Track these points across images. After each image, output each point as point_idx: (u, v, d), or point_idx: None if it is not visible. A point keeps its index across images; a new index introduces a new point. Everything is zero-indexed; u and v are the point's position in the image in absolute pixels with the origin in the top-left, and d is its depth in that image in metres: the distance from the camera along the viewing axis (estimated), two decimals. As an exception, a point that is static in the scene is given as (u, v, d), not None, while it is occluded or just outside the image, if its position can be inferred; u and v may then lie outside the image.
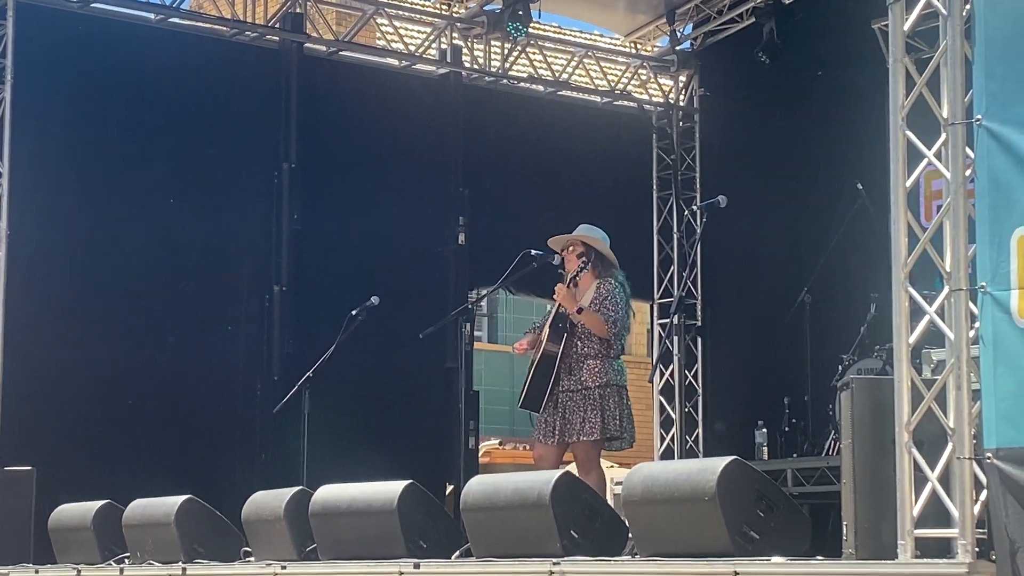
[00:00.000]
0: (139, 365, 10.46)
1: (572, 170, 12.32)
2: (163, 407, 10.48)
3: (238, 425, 10.78)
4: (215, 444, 10.59)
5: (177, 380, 10.57)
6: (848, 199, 10.66)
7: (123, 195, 10.60)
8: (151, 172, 10.73)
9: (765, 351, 11.87)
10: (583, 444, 7.93)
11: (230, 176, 11.09)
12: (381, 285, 9.88)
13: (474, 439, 11.55)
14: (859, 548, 5.10)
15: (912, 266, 4.99)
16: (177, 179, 10.83)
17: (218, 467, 10.37)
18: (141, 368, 10.46)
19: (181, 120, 10.87)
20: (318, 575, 7.32)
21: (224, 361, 10.85)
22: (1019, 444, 4.53)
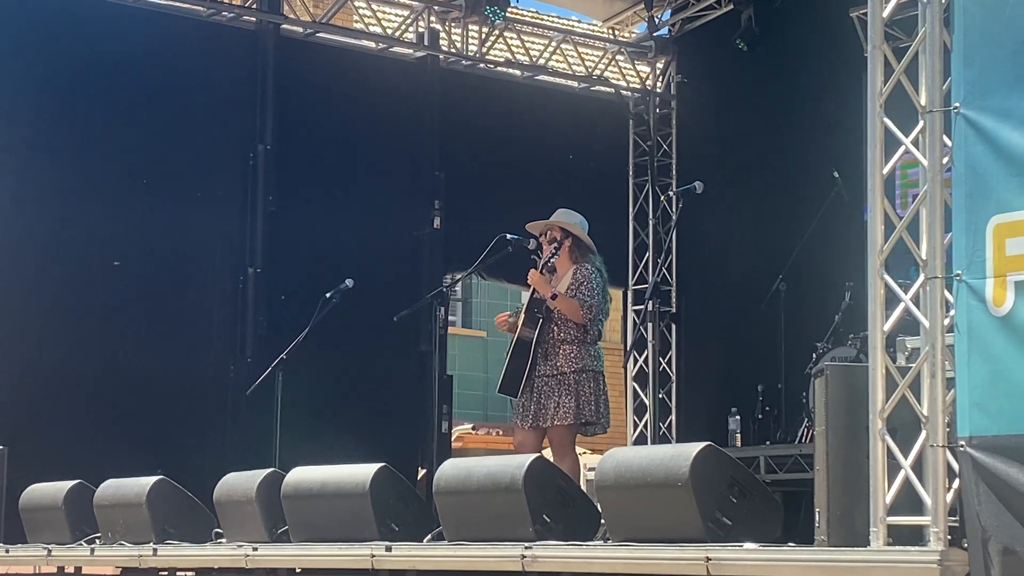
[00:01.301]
0: (112, 346, 10.42)
1: (548, 155, 12.31)
2: (136, 388, 10.45)
3: (211, 406, 10.75)
4: (188, 425, 10.56)
5: (151, 361, 10.53)
6: (824, 187, 10.69)
7: (97, 176, 10.54)
8: (125, 154, 10.68)
9: (739, 338, 11.89)
10: (557, 429, 7.93)
11: (205, 158, 11.04)
12: (356, 268, 9.86)
13: (447, 423, 11.55)
14: (831, 535, 5.10)
15: (888, 254, 4.99)
16: (152, 161, 10.78)
17: (191, 448, 10.34)
18: (114, 349, 10.43)
19: (156, 101, 10.81)
20: (290, 557, 7.30)
21: (198, 342, 10.82)
22: (992, 432, 4.54)
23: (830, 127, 11.02)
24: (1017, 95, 4.59)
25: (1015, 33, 4.62)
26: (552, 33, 13.12)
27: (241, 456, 9.93)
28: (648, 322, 7.94)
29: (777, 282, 10.86)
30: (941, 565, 4.59)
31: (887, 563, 4.76)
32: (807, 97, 11.53)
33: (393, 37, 12.12)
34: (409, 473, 10.64)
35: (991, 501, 4.50)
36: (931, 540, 4.69)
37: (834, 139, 10.88)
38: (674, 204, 12.42)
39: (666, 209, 12.66)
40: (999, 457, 4.49)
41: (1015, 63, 4.61)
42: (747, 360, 11.58)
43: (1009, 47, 4.64)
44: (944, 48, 4.86)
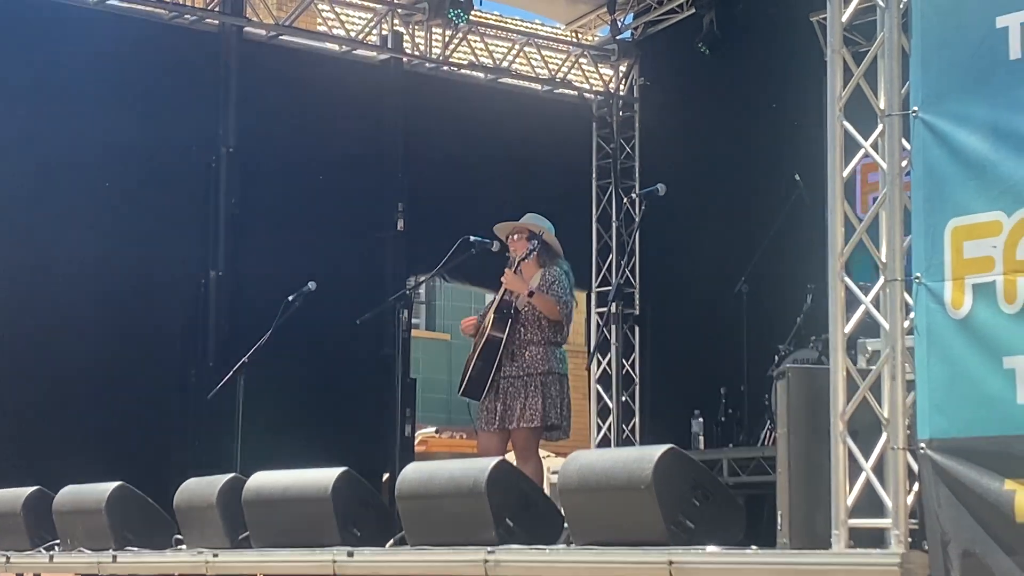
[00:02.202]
0: (72, 350, 10.35)
1: (511, 157, 12.30)
2: (96, 392, 10.38)
3: (172, 411, 10.69)
4: (148, 430, 10.49)
5: (111, 365, 10.46)
6: (786, 190, 10.71)
7: (58, 180, 10.48)
8: (87, 156, 10.61)
9: (702, 341, 11.91)
10: (523, 431, 7.92)
11: (168, 160, 10.98)
12: (318, 271, 9.81)
13: (410, 427, 11.52)
14: (793, 538, 5.11)
15: (848, 257, 5.01)
16: (114, 163, 10.71)
17: (151, 453, 10.28)
18: (74, 353, 10.35)
19: (118, 104, 10.75)
20: (251, 563, 7.26)
21: (159, 346, 10.76)
22: (952, 435, 4.56)
23: (792, 130, 11.05)
24: (973, 99, 4.62)
25: (970, 38, 4.64)
26: (515, 36, 13.12)
27: (202, 461, 9.87)
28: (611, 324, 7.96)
29: (740, 284, 10.88)
30: (902, 568, 4.60)
31: (849, 566, 4.77)
32: (769, 100, 11.57)
33: (356, 40, 12.09)
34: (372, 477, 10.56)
35: (951, 503, 4.51)
36: (892, 543, 4.70)
37: (796, 142, 10.91)
38: (637, 206, 12.42)
39: (629, 211, 12.67)
40: (958, 459, 4.51)
41: (970, 68, 4.64)
42: (710, 362, 11.59)
43: (965, 52, 4.66)
44: (903, 52, 4.89)
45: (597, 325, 12.75)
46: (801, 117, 10.85)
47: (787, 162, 10.86)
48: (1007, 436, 4.41)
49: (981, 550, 4.43)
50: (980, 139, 4.57)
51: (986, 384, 4.48)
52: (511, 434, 8.03)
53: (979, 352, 4.50)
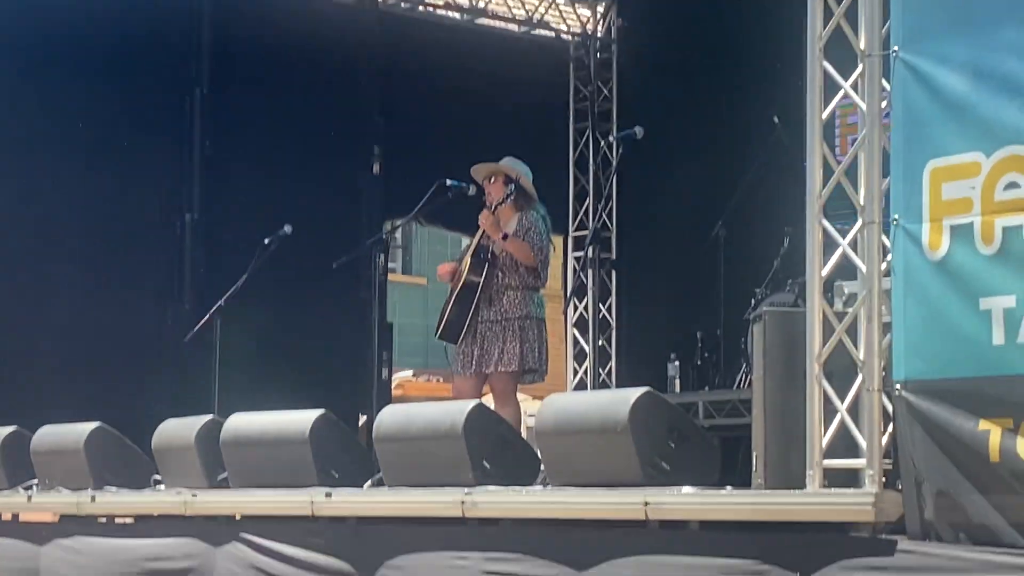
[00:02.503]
0: (49, 290, 10.31)
1: (488, 100, 12.23)
2: (73, 334, 10.35)
3: (149, 353, 10.67)
4: (126, 372, 10.47)
5: (88, 306, 10.43)
6: (764, 132, 10.70)
7: (31, 122, 10.39)
8: (61, 99, 10.51)
9: (679, 284, 11.92)
10: (501, 375, 7.94)
11: (142, 102, 10.89)
12: (294, 214, 9.77)
13: (387, 370, 11.52)
14: (768, 478, 5.15)
15: (826, 199, 5.01)
16: (88, 106, 10.62)
17: (129, 395, 10.26)
18: (51, 293, 10.32)
19: (92, 47, 10.63)
20: (229, 503, 7.28)
21: (135, 288, 10.72)
22: (927, 376, 4.58)
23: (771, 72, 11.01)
24: (953, 39, 4.60)
25: (951, -24, 4.63)
26: (492, -24, 13.03)
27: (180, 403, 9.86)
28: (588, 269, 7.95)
29: (717, 228, 10.89)
30: (875, 507, 4.64)
31: (823, 505, 4.81)
32: (748, 42, 11.51)
33: (332, -20, 11.99)
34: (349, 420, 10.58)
35: (925, 443, 4.54)
36: (866, 482, 4.74)
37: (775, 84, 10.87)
38: (614, 149, 12.39)
39: (606, 155, 12.64)
40: (933, 400, 4.53)
41: (951, 7, 4.63)
42: (687, 306, 11.61)
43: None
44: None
45: (574, 269, 12.75)
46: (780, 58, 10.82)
47: (766, 104, 10.84)
48: (982, 377, 4.43)
49: (955, 489, 4.46)
50: (960, 79, 4.56)
51: (962, 326, 4.50)
52: (488, 378, 8.05)
53: (956, 294, 4.52)
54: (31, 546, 8.36)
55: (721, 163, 11.51)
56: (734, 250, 10.88)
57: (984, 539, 4.38)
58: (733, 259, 10.88)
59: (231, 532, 7.17)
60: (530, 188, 8.18)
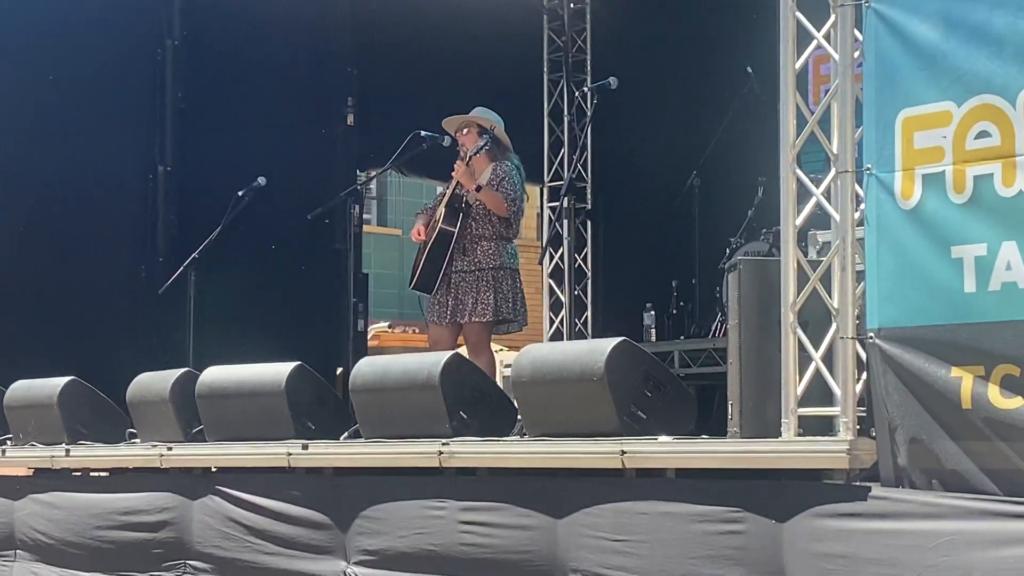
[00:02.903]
0: (21, 245, 10.25)
1: (462, 51, 12.17)
2: (46, 289, 10.30)
3: (123, 306, 10.63)
4: (99, 326, 10.44)
5: (60, 260, 10.37)
6: (738, 82, 10.70)
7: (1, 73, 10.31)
8: (30, 52, 10.42)
9: (654, 234, 11.95)
10: (474, 325, 7.96)
11: (113, 53, 10.80)
12: (268, 166, 9.74)
13: (363, 322, 11.52)
14: (744, 427, 5.18)
15: (800, 148, 5.02)
16: (57, 55, 10.53)
17: (103, 349, 10.23)
18: (23, 248, 10.25)
19: (59, 0, 10.56)
20: (205, 456, 7.29)
21: (108, 241, 10.67)
22: (900, 324, 4.61)
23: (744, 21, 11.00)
24: (926, -12, 4.61)
25: (923, -75, 4.63)
26: (465, -74, 12.94)
27: (154, 356, 9.85)
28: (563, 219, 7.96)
29: (691, 178, 10.91)
30: (850, 454, 4.68)
31: (798, 453, 4.85)
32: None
33: (303, -70, 11.89)
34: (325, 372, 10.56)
35: (899, 391, 4.58)
36: (840, 430, 4.78)
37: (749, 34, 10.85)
38: (589, 100, 12.36)
39: (581, 105, 12.60)
40: (907, 348, 4.56)
41: (923, -43, 4.63)
42: (662, 256, 11.64)
43: (918, -61, 4.65)
44: (855, -59, 4.87)
45: (549, 219, 12.74)
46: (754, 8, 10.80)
47: (739, 54, 10.83)
48: (954, 324, 4.46)
49: (928, 436, 4.50)
50: (931, 29, 4.56)
51: (934, 274, 4.52)
52: (462, 328, 8.06)
53: (928, 242, 4.54)
54: (5, 501, 8.36)
55: (695, 113, 11.51)
56: (709, 200, 10.92)
57: (956, 485, 4.43)
58: (708, 209, 10.92)
59: (207, 485, 7.18)
60: (504, 138, 8.18)
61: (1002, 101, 4.40)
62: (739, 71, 10.69)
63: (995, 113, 4.41)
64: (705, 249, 10.77)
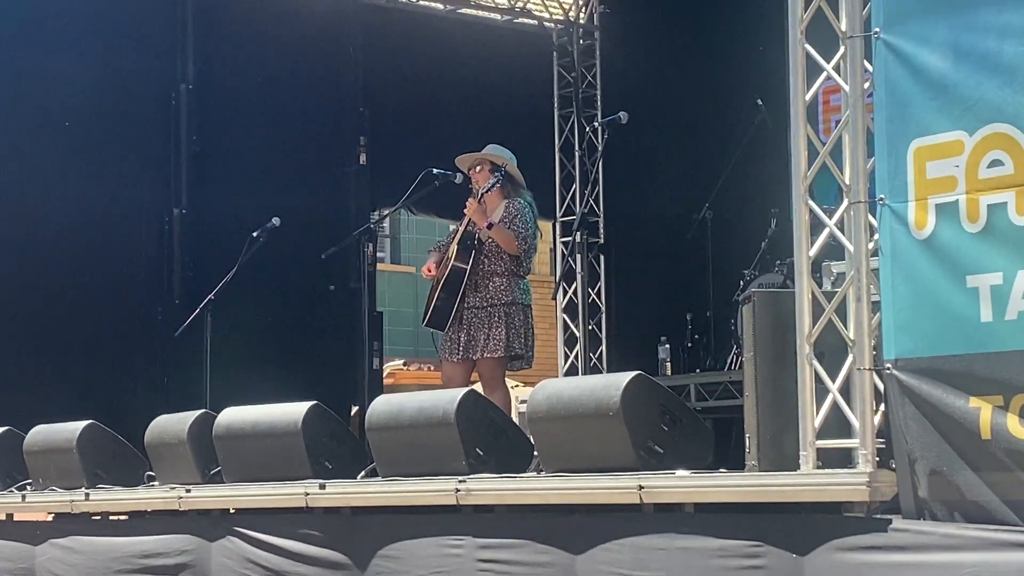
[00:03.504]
0: (38, 289, 10.30)
1: (472, 89, 12.24)
2: (64, 332, 10.34)
3: (140, 349, 10.67)
4: (117, 369, 10.47)
5: (77, 305, 10.42)
6: (748, 115, 10.73)
7: (19, 120, 10.38)
8: (48, 97, 10.51)
9: (667, 268, 11.95)
10: (488, 361, 7.95)
11: (128, 99, 10.89)
12: (282, 206, 9.78)
13: (378, 360, 11.53)
14: (761, 460, 5.16)
15: (812, 180, 5.03)
16: (73, 102, 10.61)
17: (120, 392, 10.27)
18: (40, 293, 10.31)
19: (75, 42, 10.63)
20: (223, 497, 7.28)
21: (124, 284, 10.72)
22: (917, 354, 4.59)
23: (753, 55, 11.04)
24: (933, 20, 4.62)
25: (930, -43, 4.64)
26: (474, -35, 13.01)
27: (171, 398, 9.89)
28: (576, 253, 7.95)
29: (703, 210, 10.93)
30: (870, 486, 4.66)
31: (817, 486, 4.82)
32: (730, 25, 11.54)
33: (313, -28, 11.97)
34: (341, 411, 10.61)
35: (918, 422, 4.56)
36: (859, 462, 4.75)
37: (758, 67, 10.91)
38: (599, 135, 12.40)
39: (592, 140, 12.64)
40: (924, 378, 4.55)
41: (932, -13, 4.64)
42: (676, 289, 11.65)
43: (926, -29, 4.67)
44: (863, -26, 4.88)
45: (562, 254, 12.76)
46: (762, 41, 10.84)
47: (749, 87, 10.87)
48: (971, 354, 4.45)
49: (948, 467, 4.48)
50: (941, 59, 4.57)
51: (950, 303, 4.51)
52: (476, 364, 8.07)
53: (943, 272, 4.53)
54: (26, 546, 8.36)
55: (706, 146, 11.54)
56: (721, 232, 10.93)
57: (978, 516, 4.40)
58: (721, 241, 10.92)
59: (225, 526, 7.17)
60: (517, 175, 8.20)
61: (1013, 130, 4.40)
62: (749, 104, 10.72)
63: (1007, 142, 4.41)
64: (719, 282, 10.77)
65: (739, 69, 11.31)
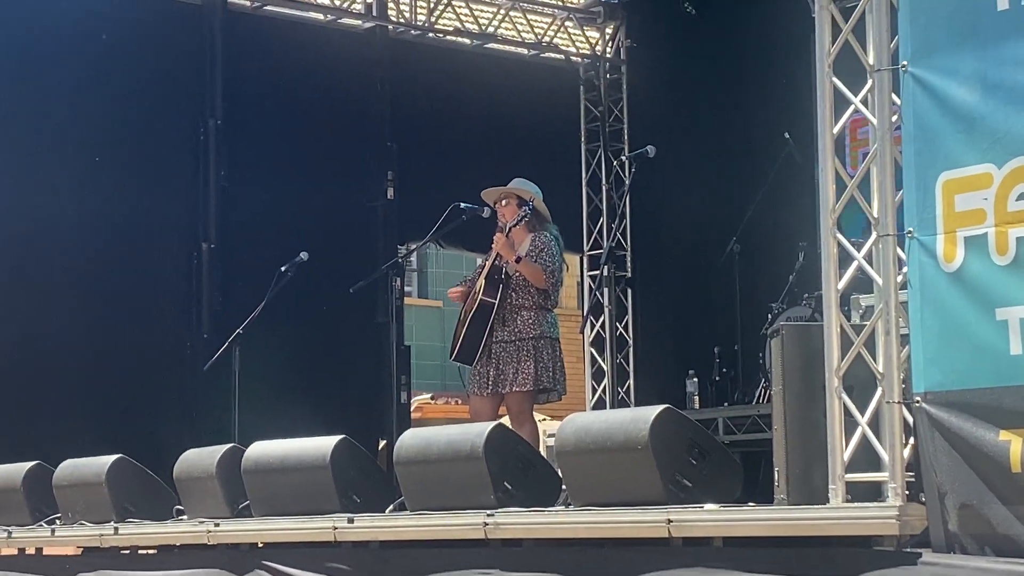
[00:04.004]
0: (67, 324, 10.35)
1: (500, 123, 12.28)
2: (92, 366, 10.38)
3: (168, 383, 10.70)
4: (146, 403, 10.50)
5: (106, 339, 10.46)
6: (775, 148, 10.73)
7: (48, 155, 10.45)
8: (76, 132, 10.58)
9: (695, 301, 11.94)
10: (516, 395, 7.95)
11: (156, 134, 10.95)
12: (310, 241, 9.83)
13: (406, 394, 11.54)
14: (791, 493, 5.15)
15: (840, 213, 5.03)
16: (103, 138, 10.68)
17: (149, 426, 10.29)
18: (69, 327, 10.35)
19: (104, 78, 10.70)
20: (252, 532, 7.29)
21: (153, 319, 10.76)
22: (947, 387, 4.58)
23: (780, 88, 11.05)
24: (962, 52, 4.62)
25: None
26: (501, 0, 13.07)
27: (200, 432, 9.91)
28: (604, 287, 7.98)
29: (731, 244, 10.92)
30: (900, 520, 4.64)
31: (846, 520, 4.81)
32: (756, 59, 11.56)
33: (341, 8, 12.04)
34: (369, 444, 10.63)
35: (947, 455, 4.54)
36: (889, 496, 4.73)
37: (784, 100, 10.91)
38: (627, 169, 12.43)
39: (619, 174, 12.67)
40: (954, 411, 4.53)
41: (958, 20, 4.65)
42: (703, 322, 11.63)
43: (953, 5, 4.68)
44: (891, 7, 4.89)
45: (590, 288, 12.77)
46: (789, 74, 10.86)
47: (776, 120, 10.87)
48: (1001, 387, 4.43)
49: (978, 500, 4.46)
50: (969, 92, 4.58)
51: (979, 336, 4.50)
52: (504, 398, 8.07)
53: (972, 304, 4.52)
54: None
55: (733, 179, 11.54)
56: (749, 265, 10.91)
57: (1009, 550, 4.38)
58: (748, 274, 10.91)
59: (254, 560, 7.17)
60: (543, 209, 8.21)
61: (1043, 162, 4.40)
62: (776, 137, 10.72)
63: (1036, 174, 4.41)
64: (747, 315, 10.75)
65: (766, 102, 11.32)
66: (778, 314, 9.88)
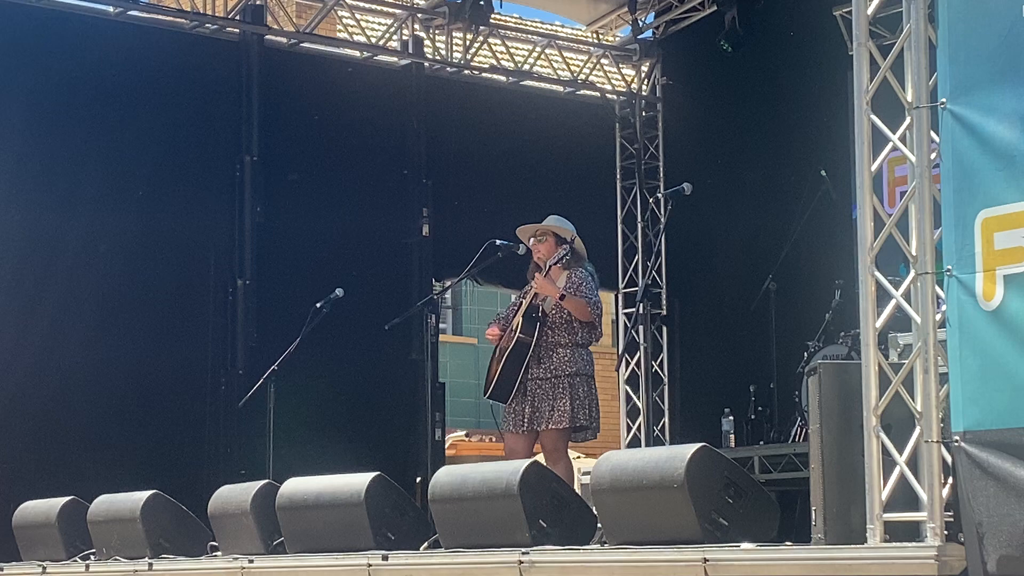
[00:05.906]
0: (103, 360, 10.39)
1: (535, 160, 12.30)
2: (127, 402, 10.42)
3: (203, 419, 10.73)
4: (180, 439, 10.53)
5: (142, 375, 10.50)
6: (812, 186, 10.71)
7: (85, 191, 10.52)
8: (113, 167, 10.65)
9: (731, 339, 11.89)
10: (551, 433, 7.93)
11: (192, 169, 11.02)
12: (345, 277, 9.85)
13: (440, 431, 11.52)
14: (828, 533, 5.11)
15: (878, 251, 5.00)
16: (139, 173, 10.75)
17: (184, 462, 10.31)
18: (105, 363, 10.39)
19: (142, 114, 10.79)
20: (286, 568, 7.28)
21: (188, 355, 10.79)
22: (986, 427, 4.54)
23: (816, 126, 11.03)
24: (1002, 89, 4.61)
25: (997, 27, 4.63)
26: (536, 38, 13.12)
27: (235, 468, 9.92)
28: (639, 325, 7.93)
29: (767, 282, 10.88)
30: (938, 560, 4.60)
31: (884, 560, 4.77)
32: (793, 96, 11.55)
33: (377, 45, 12.11)
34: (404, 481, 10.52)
35: (986, 495, 4.50)
36: (928, 535, 4.70)
37: (821, 138, 10.90)
38: (662, 206, 12.43)
39: (654, 211, 12.67)
40: (993, 451, 4.50)
41: (998, 57, 4.63)
42: (739, 360, 11.58)
43: (992, 41, 4.66)
44: (929, 44, 4.88)
45: (625, 326, 12.75)
46: (825, 112, 10.84)
47: (812, 158, 10.85)
48: (1041, 427, 4.40)
49: (1018, 541, 4.41)
50: (1009, 129, 4.56)
51: (1020, 375, 4.47)
52: (539, 436, 8.05)
53: (1012, 343, 4.49)
54: (90, 615, 8.38)
55: (769, 217, 11.51)
56: (785, 303, 10.87)
57: (1049, 591, 4.34)
58: (784, 312, 10.86)
59: (289, 597, 7.17)
60: (581, 247, 8.21)
61: (1081, 200, 4.38)
62: (813, 174, 10.70)
63: (1076, 212, 4.39)
64: (782, 353, 10.70)
65: (802, 140, 11.30)
66: (814, 352, 9.83)
